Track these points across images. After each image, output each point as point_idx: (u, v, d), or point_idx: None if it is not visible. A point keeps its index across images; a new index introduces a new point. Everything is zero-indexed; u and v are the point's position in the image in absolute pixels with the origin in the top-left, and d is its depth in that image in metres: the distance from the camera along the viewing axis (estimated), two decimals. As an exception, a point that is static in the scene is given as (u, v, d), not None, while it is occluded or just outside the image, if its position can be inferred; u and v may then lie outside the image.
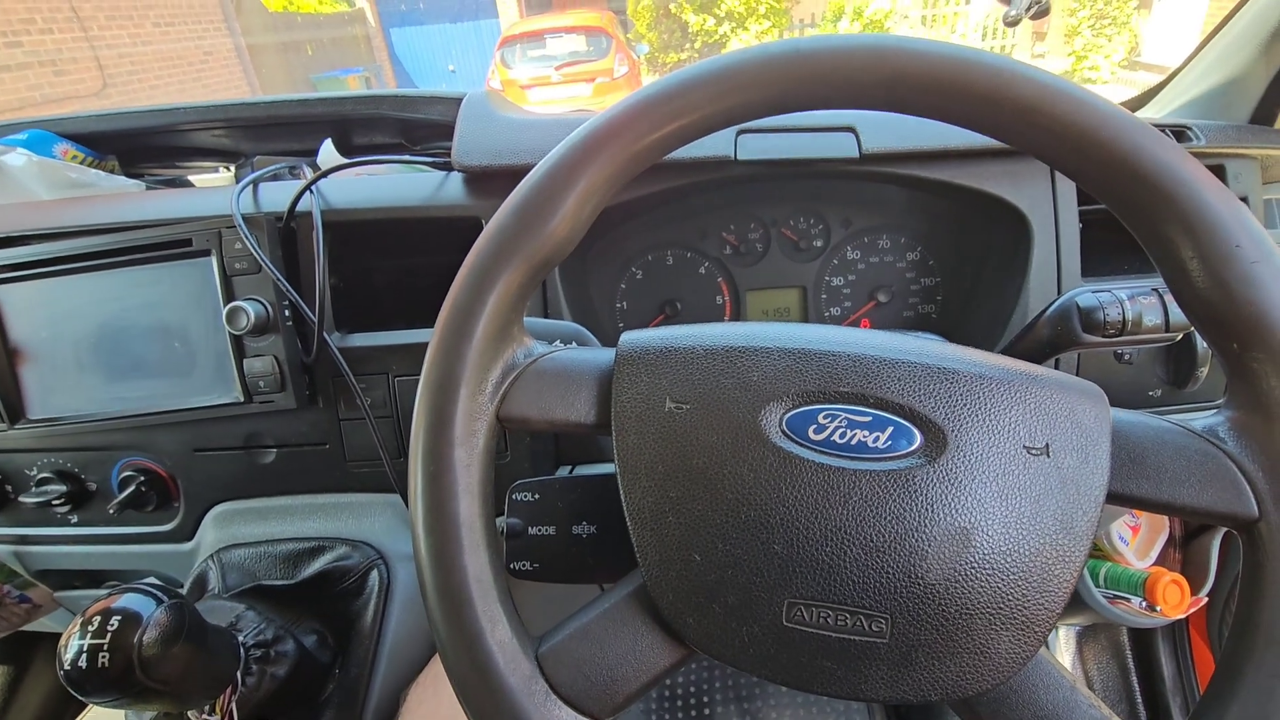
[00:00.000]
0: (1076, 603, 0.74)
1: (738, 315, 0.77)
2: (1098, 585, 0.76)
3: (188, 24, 6.65)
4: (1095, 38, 6.93)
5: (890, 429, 0.32)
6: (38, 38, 5.05)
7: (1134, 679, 1.02)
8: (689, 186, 0.65)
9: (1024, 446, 0.32)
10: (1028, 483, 0.31)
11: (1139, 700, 1.02)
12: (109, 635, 0.40)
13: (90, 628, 0.40)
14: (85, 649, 0.40)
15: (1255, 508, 0.31)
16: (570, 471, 0.68)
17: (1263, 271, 0.30)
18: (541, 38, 6.76)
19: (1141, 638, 1.03)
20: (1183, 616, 0.71)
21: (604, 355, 0.37)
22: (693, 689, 1.04)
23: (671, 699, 1.03)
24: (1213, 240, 0.30)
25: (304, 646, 0.55)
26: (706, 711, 0.96)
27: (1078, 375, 0.66)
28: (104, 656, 0.39)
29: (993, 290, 0.71)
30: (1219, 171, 0.68)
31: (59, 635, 0.42)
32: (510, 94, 6.56)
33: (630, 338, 0.36)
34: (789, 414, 0.33)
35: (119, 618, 0.41)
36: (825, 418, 0.33)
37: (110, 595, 0.42)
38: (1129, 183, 0.31)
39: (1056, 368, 0.66)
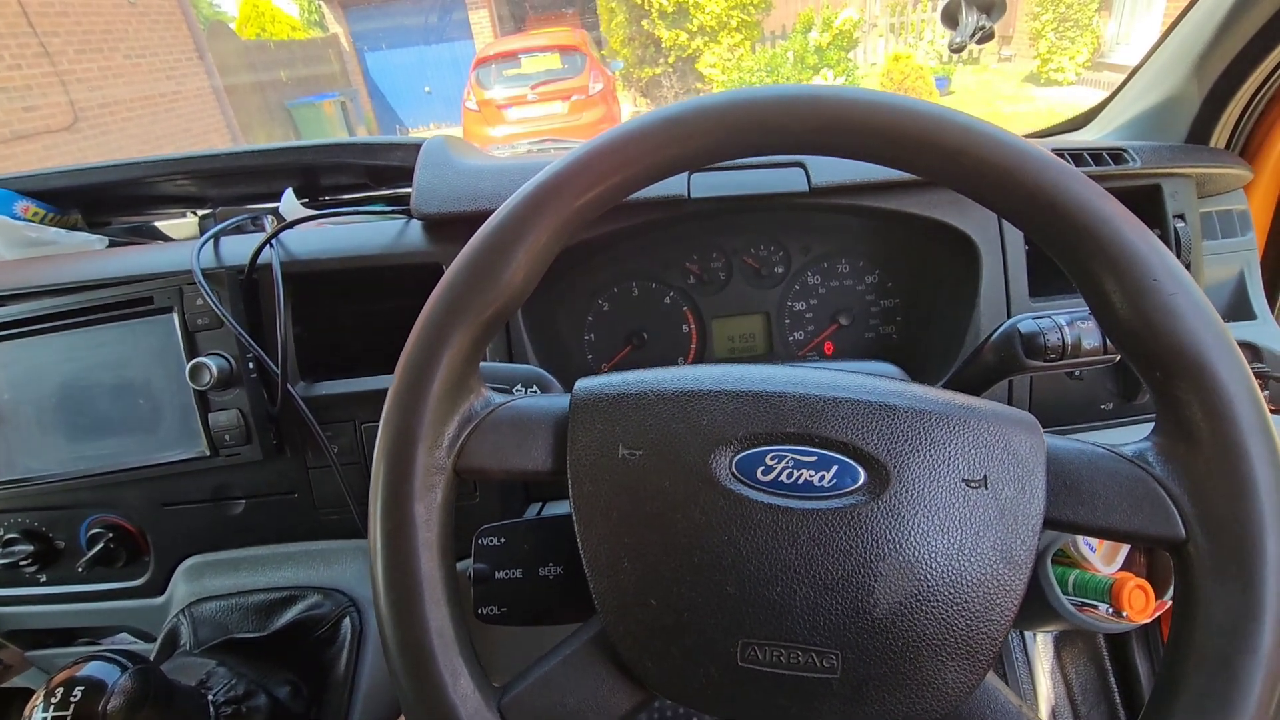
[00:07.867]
0: (1048, 611, 0.75)
1: (704, 343, 0.78)
2: (1066, 593, 0.77)
3: (159, 55, 6.58)
4: (1059, 40, 7.12)
5: (835, 467, 0.33)
6: (5, 74, 4.98)
7: (1112, 680, 1.04)
8: (648, 223, 0.66)
9: (963, 479, 0.33)
10: (967, 515, 0.32)
11: (1118, 701, 1.03)
12: (72, 706, 0.40)
13: (54, 699, 0.40)
14: (49, 721, 0.39)
15: (1182, 530, 0.32)
16: (540, 508, 0.69)
17: (1180, 303, 0.31)
18: (516, 57, 6.81)
19: (1117, 640, 1.05)
20: (1148, 621, 0.73)
21: (559, 402, 0.38)
22: (681, 711, 1.04)
23: (662, 720, 1.03)
24: (1132, 274, 0.31)
25: (277, 699, 0.55)
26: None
27: (1031, 393, 0.68)
28: (68, 728, 0.39)
29: (948, 311, 0.73)
30: (1156, 191, 0.71)
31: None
32: (487, 113, 6.59)
33: (584, 385, 0.37)
34: (738, 456, 0.34)
35: (82, 687, 0.41)
36: (773, 459, 0.34)
37: (75, 664, 0.42)
38: (1051, 220, 0.33)
39: (1010, 387, 0.68)
